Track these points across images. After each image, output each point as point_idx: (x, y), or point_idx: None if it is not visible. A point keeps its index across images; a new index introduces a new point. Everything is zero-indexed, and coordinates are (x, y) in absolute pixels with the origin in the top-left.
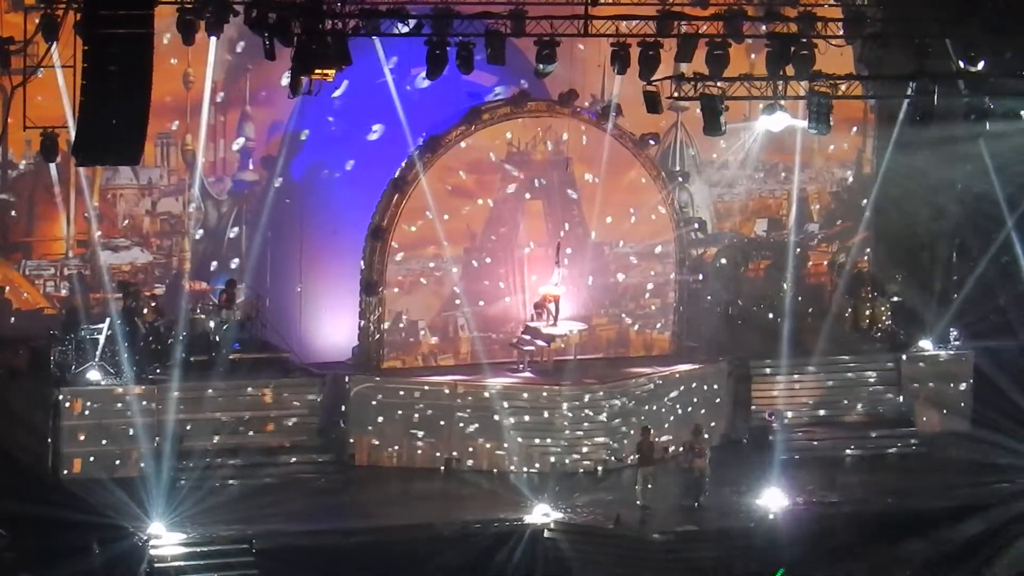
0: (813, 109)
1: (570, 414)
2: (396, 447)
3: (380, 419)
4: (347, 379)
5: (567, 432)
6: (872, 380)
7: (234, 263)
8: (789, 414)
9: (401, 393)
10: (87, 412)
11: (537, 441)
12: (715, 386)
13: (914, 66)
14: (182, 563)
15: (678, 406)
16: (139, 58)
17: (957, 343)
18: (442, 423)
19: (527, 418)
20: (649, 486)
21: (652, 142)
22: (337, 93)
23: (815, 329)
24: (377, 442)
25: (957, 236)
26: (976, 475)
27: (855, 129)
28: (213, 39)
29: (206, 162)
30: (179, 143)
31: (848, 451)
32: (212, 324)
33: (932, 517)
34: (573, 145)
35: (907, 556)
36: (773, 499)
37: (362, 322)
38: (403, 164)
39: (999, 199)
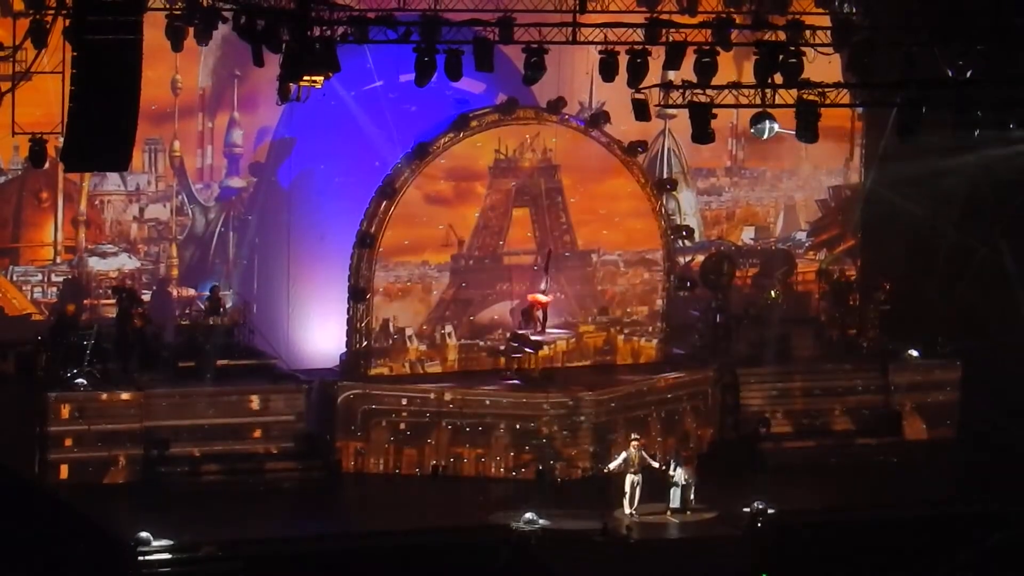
0: (801, 117)
1: (557, 422)
2: (383, 454)
3: (367, 426)
4: (334, 386)
5: (554, 440)
6: (859, 388)
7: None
8: (776, 422)
9: (388, 400)
10: (74, 418)
11: (524, 448)
12: (702, 394)
13: (902, 74)
14: (168, 569)
15: (665, 414)
16: (127, 64)
17: (944, 351)
18: (429, 430)
19: (514, 425)
20: (636, 494)
21: (640, 150)
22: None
23: (802, 337)
24: (364, 449)
25: (946, 244)
26: (963, 483)
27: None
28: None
29: (194, 168)
30: (167, 149)
31: (835, 459)
32: (199, 330)
33: (919, 525)
34: (561, 152)
35: (896, 565)
36: (760, 507)
37: (350, 331)
38: (391, 171)
39: (988, 207)
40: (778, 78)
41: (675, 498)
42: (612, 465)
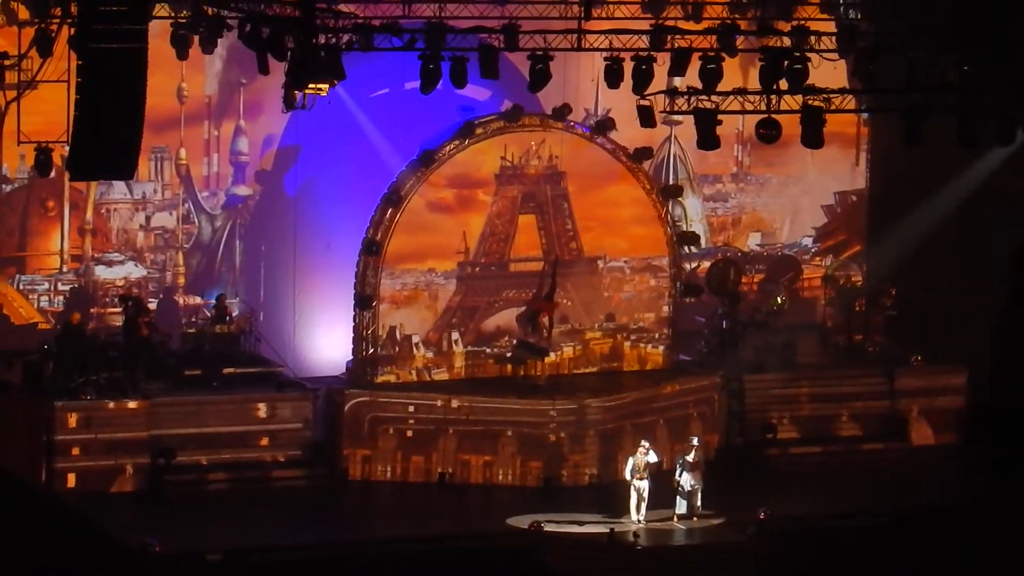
0: (806, 123)
1: (563, 428)
2: (390, 461)
3: (374, 433)
4: (341, 393)
5: (560, 446)
6: (865, 394)
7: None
8: (782, 428)
9: (395, 407)
10: (81, 426)
11: (530, 455)
12: (709, 400)
13: (907, 80)
14: None
15: (672, 420)
16: (133, 73)
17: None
18: (436, 437)
19: (520, 432)
20: (643, 500)
21: (646, 156)
22: None
23: (809, 342)
24: (371, 456)
25: (952, 249)
26: (968, 488)
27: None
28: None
29: (200, 176)
30: (173, 157)
31: (841, 465)
32: (206, 338)
33: (925, 531)
34: (567, 159)
35: (903, 570)
36: (766, 513)
37: (356, 338)
38: (396, 178)
39: (991, 212)
40: (783, 84)
41: (681, 504)
42: (627, 474)
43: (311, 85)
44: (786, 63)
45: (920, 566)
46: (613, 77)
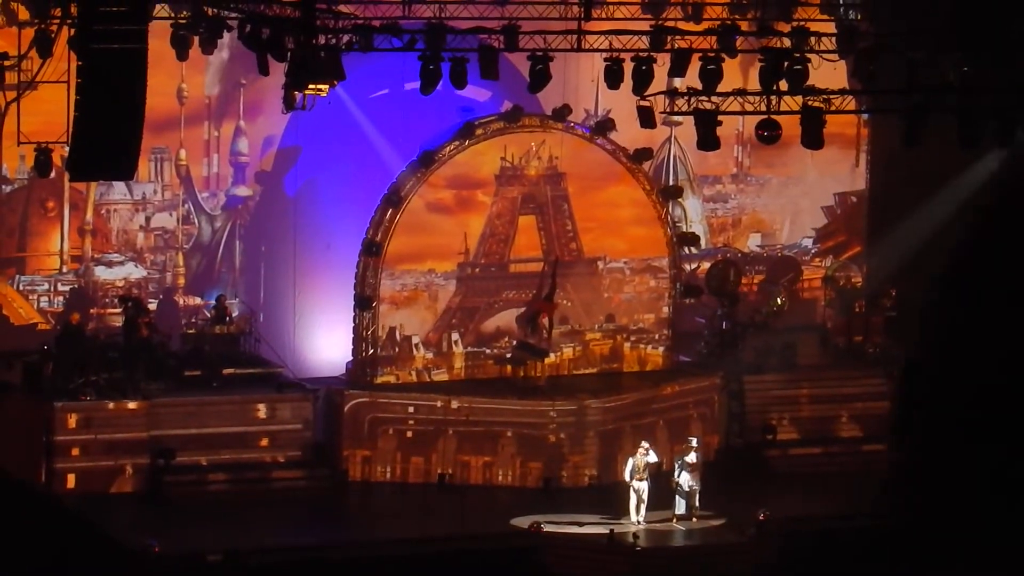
0: (806, 124)
1: (563, 429)
2: (389, 462)
3: (374, 434)
4: (341, 394)
5: (560, 447)
6: (865, 395)
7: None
8: (782, 429)
9: (395, 408)
10: (81, 427)
11: (530, 456)
12: (708, 401)
13: (907, 80)
14: None
15: (671, 421)
16: (133, 73)
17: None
18: (435, 438)
19: (520, 433)
20: (642, 501)
21: (646, 157)
22: None
23: (808, 343)
24: (370, 457)
25: (953, 250)
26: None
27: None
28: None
29: (200, 177)
30: (173, 158)
31: (841, 466)
32: (205, 339)
33: (926, 531)
34: (566, 160)
35: (902, 571)
36: (766, 514)
37: (356, 339)
38: (396, 179)
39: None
40: (783, 85)
41: (681, 505)
42: (627, 476)
43: (311, 86)
44: (786, 64)
45: (920, 566)
46: (613, 78)
